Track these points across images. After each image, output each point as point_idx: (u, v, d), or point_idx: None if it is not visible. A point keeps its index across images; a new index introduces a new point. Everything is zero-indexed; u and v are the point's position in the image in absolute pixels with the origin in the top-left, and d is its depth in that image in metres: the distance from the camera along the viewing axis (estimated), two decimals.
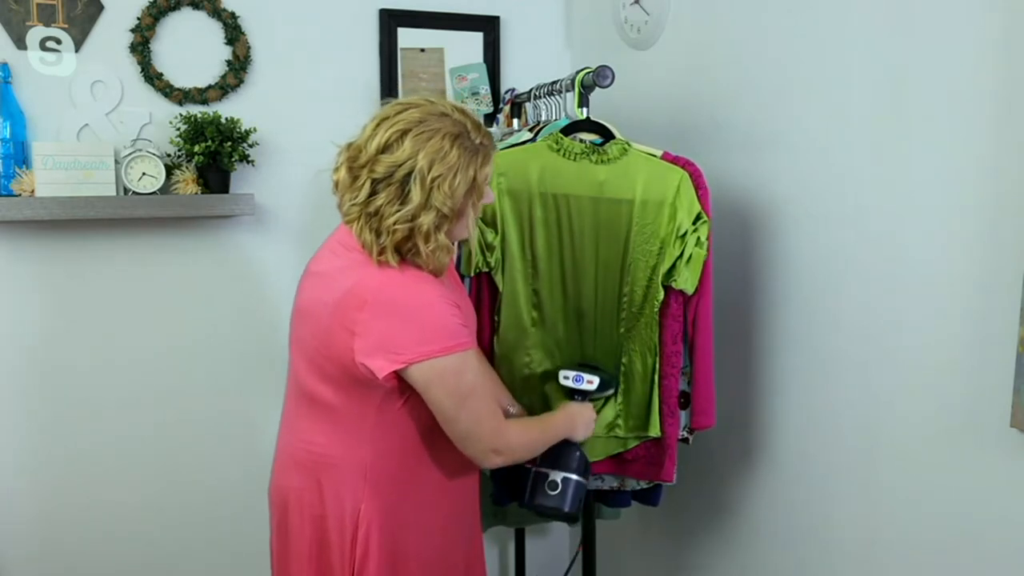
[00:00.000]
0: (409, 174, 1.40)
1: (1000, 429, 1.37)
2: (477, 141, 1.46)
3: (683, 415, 1.86)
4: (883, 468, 1.62)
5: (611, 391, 1.82)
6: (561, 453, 1.70)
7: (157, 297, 2.31)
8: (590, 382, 1.73)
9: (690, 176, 1.77)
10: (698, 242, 1.76)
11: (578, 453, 1.71)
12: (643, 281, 1.79)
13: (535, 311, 1.83)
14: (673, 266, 1.77)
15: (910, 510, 1.57)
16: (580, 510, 1.72)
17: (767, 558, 1.96)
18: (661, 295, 1.79)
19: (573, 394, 1.76)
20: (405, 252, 1.45)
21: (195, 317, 2.35)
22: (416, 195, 1.40)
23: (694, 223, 1.76)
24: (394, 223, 1.41)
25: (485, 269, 1.79)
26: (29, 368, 2.22)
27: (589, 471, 1.75)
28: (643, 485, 1.92)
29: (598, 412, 1.82)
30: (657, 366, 1.81)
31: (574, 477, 1.69)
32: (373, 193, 1.42)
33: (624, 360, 1.83)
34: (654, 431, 1.82)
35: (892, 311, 1.59)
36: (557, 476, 1.68)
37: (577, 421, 1.71)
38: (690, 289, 1.78)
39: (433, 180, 1.40)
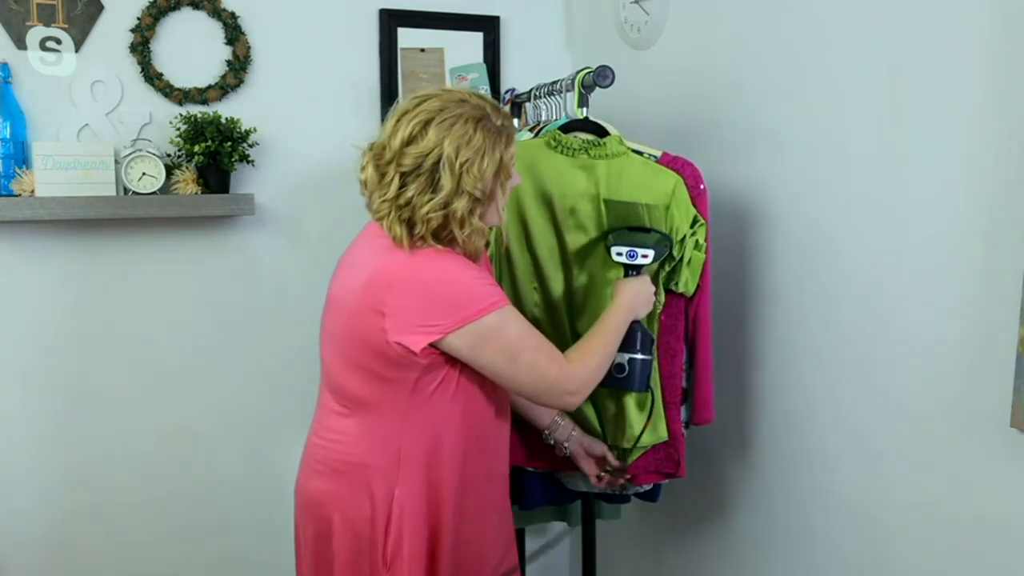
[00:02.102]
0: (437, 162, 1.41)
1: (1000, 429, 1.37)
2: (499, 123, 1.47)
3: (682, 410, 1.87)
4: (882, 468, 1.62)
5: (668, 252, 1.75)
6: (624, 335, 1.68)
7: (157, 297, 2.31)
8: (644, 256, 1.68)
9: (685, 180, 1.77)
10: (697, 245, 1.77)
11: (639, 332, 1.69)
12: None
13: (536, 309, 1.83)
14: (674, 270, 1.78)
15: (909, 509, 1.57)
16: (649, 385, 1.74)
17: (766, 555, 1.95)
18: (663, 299, 1.79)
19: (628, 269, 1.71)
20: (443, 240, 1.47)
21: (195, 317, 2.35)
22: (447, 182, 1.41)
23: (691, 227, 1.76)
24: (428, 212, 1.42)
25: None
26: (28, 367, 2.22)
27: (653, 344, 1.74)
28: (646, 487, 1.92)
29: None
30: (657, 365, 1.81)
31: (639, 356, 1.68)
32: (403, 187, 1.43)
33: (624, 360, 1.82)
34: (663, 433, 1.82)
35: (892, 311, 1.59)
36: (623, 358, 1.68)
37: (636, 301, 1.67)
38: (689, 291, 1.79)
39: (462, 165, 1.41)
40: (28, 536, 2.24)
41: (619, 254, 1.70)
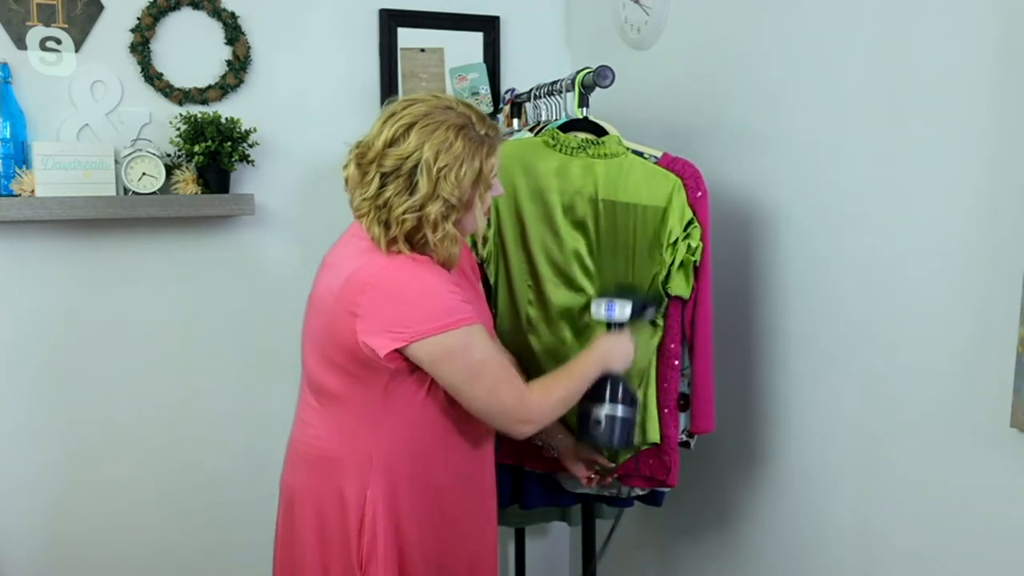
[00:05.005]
0: (416, 166, 1.43)
1: (1000, 429, 1.37)
2: (482, 132, 1.48)
3: (682, 417, 1.85)
4: (882, 468, 1.63)
5: (650, 314, 1.74)
6: (601, 389, 1.65)
7: (157, 297, 2.31)
8: (622, 310, 1.67)
9: (685, 183, 1.76)
10: (689, 248, 1.76)
11: (620, 386, 1.66)
12: (645, 286, 1.79)
13: (530, 307, 1.83)
14: (668, 273, 1.77)
15: (910, 510, 1.57)
16: (630, 442, 1.70)
17: (768, 560, 1.96)
18: (665, 301, 1.79)
19: (609, 325, 1.69)
20: (416, 243, 1.48)
21: (195, 317, 2.35)
22: (423, 185, 1.43)
23: (685, 229, 1.76)
24: (403, 213, 1.44)
25: (478, 261, 1.79)
26: (29, 367, 2.22)
27: (634, 400, 1.70)
28: (640, 492, 1.92)
29: None
30: (654, 367, 1.81)
31: (618, 413, 1.65)
32: (382, 187, 1.45)
33: (601, 415, 1.77)
34: (653, 436, 1.81)
35: (892, 312, 1.59)
36: (599, 413, 1.65)
37: (612, 355, 1.65)
38: (685, 295, 1.78)
39: (439, 170, 1.43)
40: (27, 531, 2.25)
41: (598, 305, 1.69)
